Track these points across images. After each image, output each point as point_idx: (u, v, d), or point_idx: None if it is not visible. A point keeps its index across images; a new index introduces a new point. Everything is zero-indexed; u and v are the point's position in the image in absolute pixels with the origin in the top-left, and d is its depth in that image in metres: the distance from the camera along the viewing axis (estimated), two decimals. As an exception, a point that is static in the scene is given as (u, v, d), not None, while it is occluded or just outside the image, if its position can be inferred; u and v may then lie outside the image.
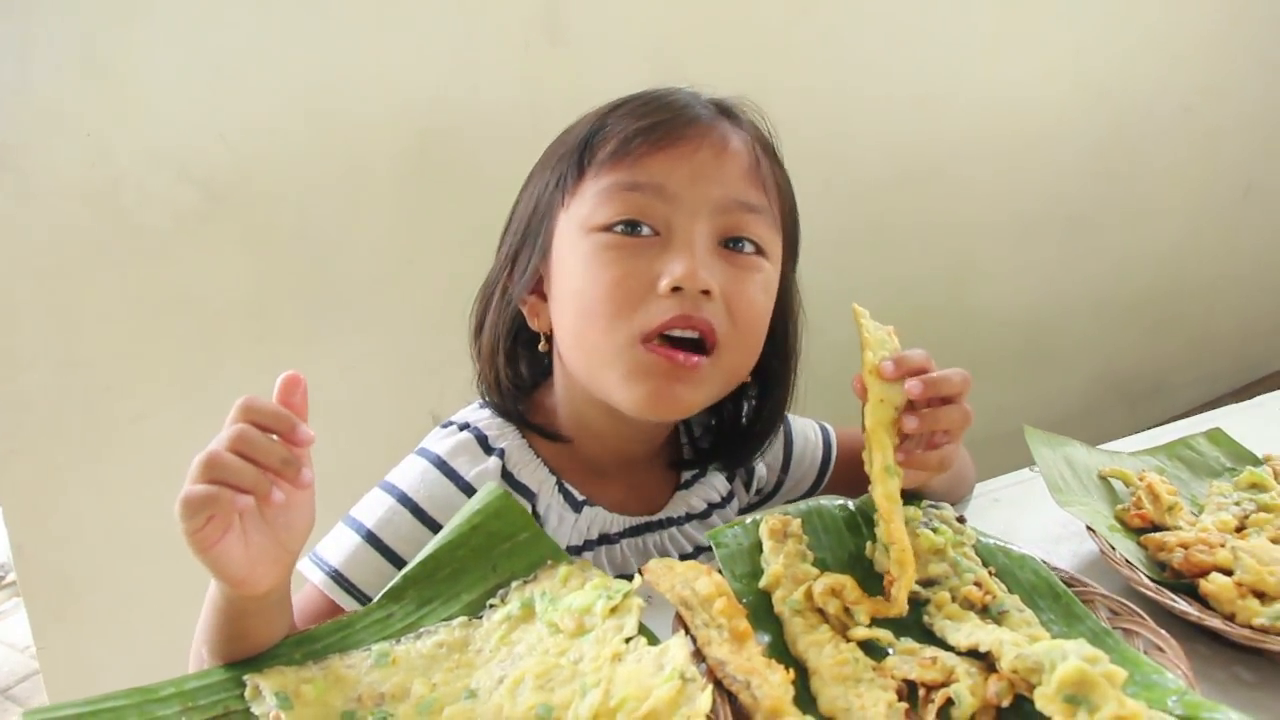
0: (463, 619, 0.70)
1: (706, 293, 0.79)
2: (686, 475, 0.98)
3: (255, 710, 0.63)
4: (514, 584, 0.72)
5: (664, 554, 0.95)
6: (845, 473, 1.06)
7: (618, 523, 0.92)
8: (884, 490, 0.76)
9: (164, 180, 1.36)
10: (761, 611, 0.73)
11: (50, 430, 1.38)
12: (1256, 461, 0.98)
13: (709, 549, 0.95)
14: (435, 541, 0.74)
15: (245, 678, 0.64)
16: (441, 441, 0.90)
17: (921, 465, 0.79)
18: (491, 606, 0.71)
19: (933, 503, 0.84)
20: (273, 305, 1.47)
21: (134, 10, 1.30)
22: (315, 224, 1.46)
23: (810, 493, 1.06)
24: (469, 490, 0.86)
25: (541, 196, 0.88)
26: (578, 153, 0.84)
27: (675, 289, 0.78)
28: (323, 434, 1.10)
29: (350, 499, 0.92)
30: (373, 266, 1.48)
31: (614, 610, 0.67)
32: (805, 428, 1.07)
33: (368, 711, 0.62)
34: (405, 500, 0.87)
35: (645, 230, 0.81)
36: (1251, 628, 0.72)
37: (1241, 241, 2.48)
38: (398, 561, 0.83)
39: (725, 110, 0.87)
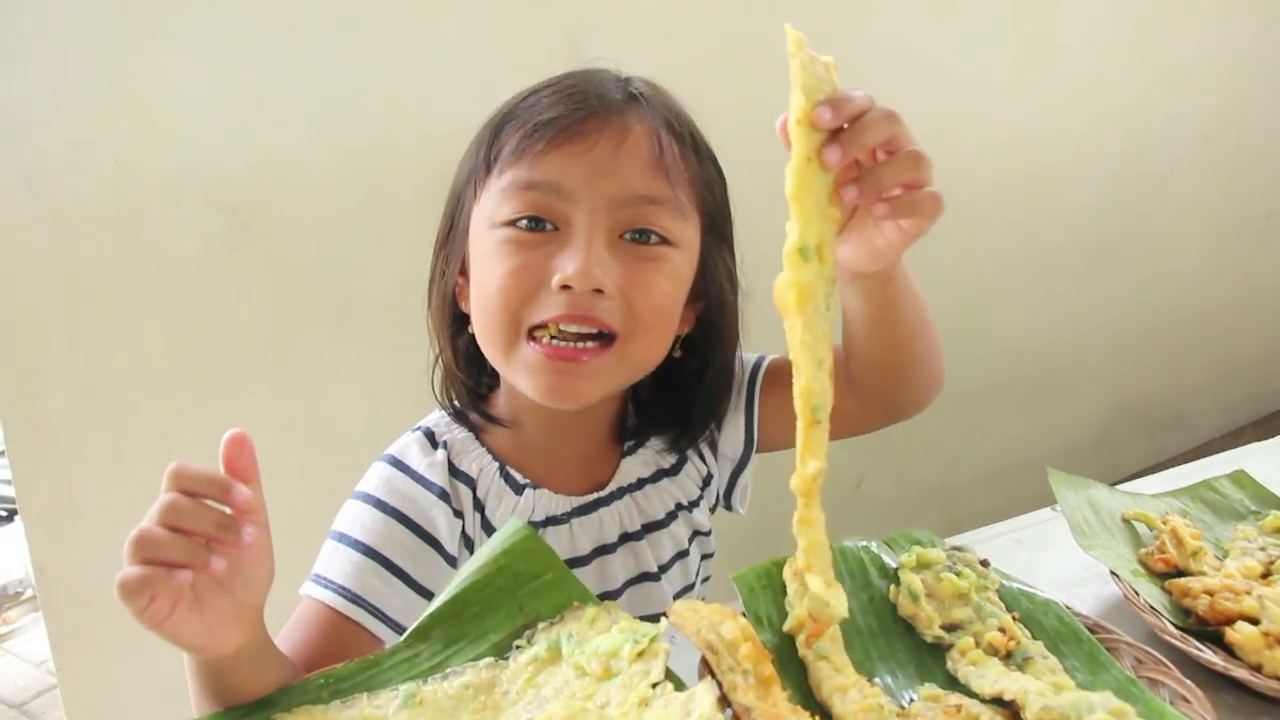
0: (489, 660, 0.70)
1: (600, 290, 0.80)
2: (629, 443, 0.99)
3: (284, 751, 0.63)
4: (540, 625, 0.72)
5: (620, 527, 0.97)
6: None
7: (564, 503, 0.94)
8: (795, 280, 0.60)
9: (190, 207, 1.38)
10: (785, 655, 0.73)
11: (74, 452, 1.39)
12: (1280, 505, 0.98)
13: (659, 523, 0.98)
14: (461, 579, 0.74)
15: (274, 717, 0.65)
16: (396, 444, 0.95)
17: (904, 211, 0.67)
18: (518, 647, 0.71)
19: (957, 546, 0.84)
20: (296, 330, 1.48)
21: (162, 40, 1.32)
22: (339, 251, 1.47)
23: (747, 427, 1.01)
24: (422, 480, 0.91)
25: (461, 183, 0.91)
26: (486, 146, 0.86)
27: (566, 286, 0.79)
28: (345, 457, 1.11)
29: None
30: (395, 293, 1.49)
31: (640, 654, 0.67)
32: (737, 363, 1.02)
33: (396, 753, 0.63)
34: (367, 498, 0.91)
35: (547, 226, 0.82)
36: (1279, 679, 0.72)
37: (1262, 270, 2.47)
38: (364, 550, 0.88)
39: (634, 95, 0.86)
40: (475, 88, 1.48)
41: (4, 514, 2.91)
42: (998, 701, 0.69)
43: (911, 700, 0.71)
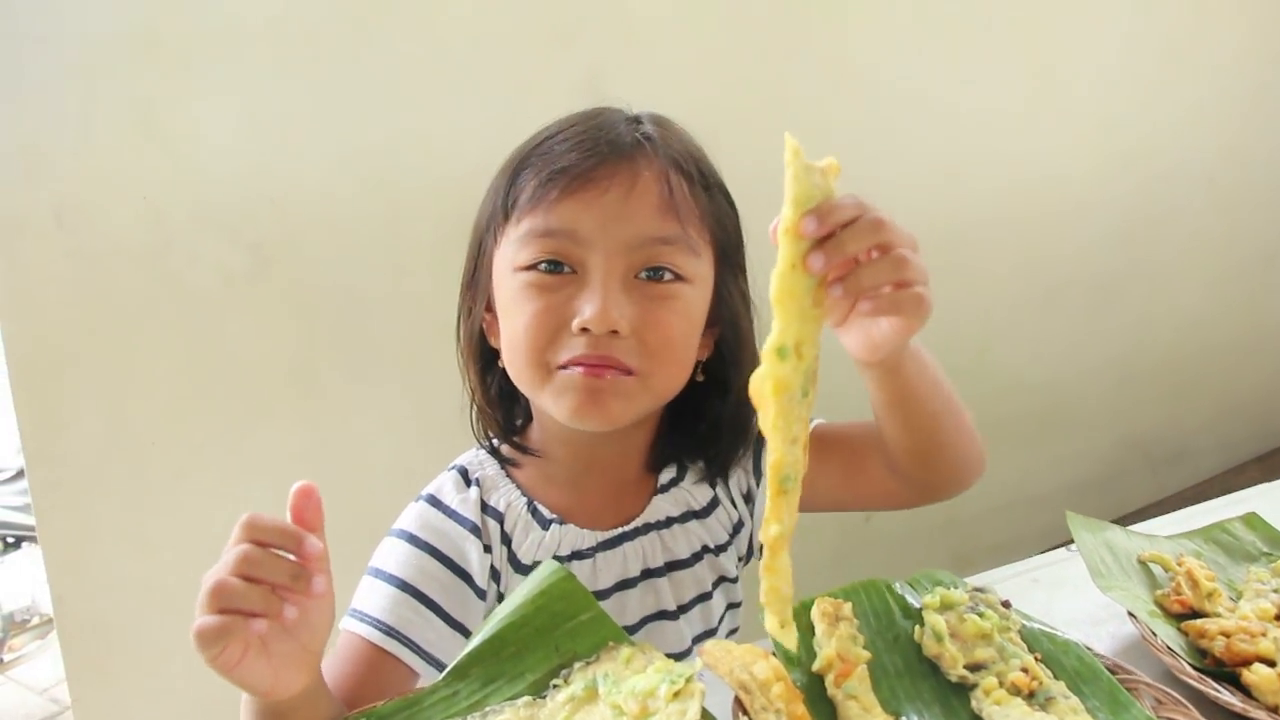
0: (527, 699, 0.72)
1: (616, 331, 0.84)
2: (664, 479, 1.02)
3: (331, 787, 0.65)
4: (577, 665, 0.74)
5: (643, 563, 0.99)
6: (840, 464, 1.01)
7: (590, 538, 0.96)
8: (771, 374, 0.63)
9: (214, 242, 1.40)
10: (815, 695, 0.75)
11: (95, 483, 1.41)
12: (1292, 547, 1.00)
13: (683, 562, 1.00)
14: (499, 619, 0.76)
15: (319, 755, 0.66)
16: (433, 483, 0.99)
17: (890, 309, 0.70)
18: (555, 687, 0.73)
19: (979, 587, 0.86)
20: (316, 366, 1.50)
21: (191, 78, 1.35)
22: (360, 288, 1.50)
23: None
24: (455, 515, 0.94)
25: (482, 228, 0.95)
26: (503, 193, 0.90)
27: (585, 329, 0.84)
28: (363, 491, 1.12)
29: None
30: (416, 330, 1.51)
31: (677, 694, 0.69)
32: None
33: (439, 790, 0.64)
34: (402, 534, 0.94)
35: (565, 269, 0.86)
36: (1295, 720, 0.74)
37: (1264, 309, 2.50)
38: (398, 584, 0.91)
39: (642, 137, 0.89)
40: (496, 126, 1.51)
41: (11, 540, 2.91)
42: (1023, 741, 0.70)
43: (938, 740, 0.73)
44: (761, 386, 0.64)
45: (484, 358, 0.99)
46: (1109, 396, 2.32)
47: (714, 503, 1.03)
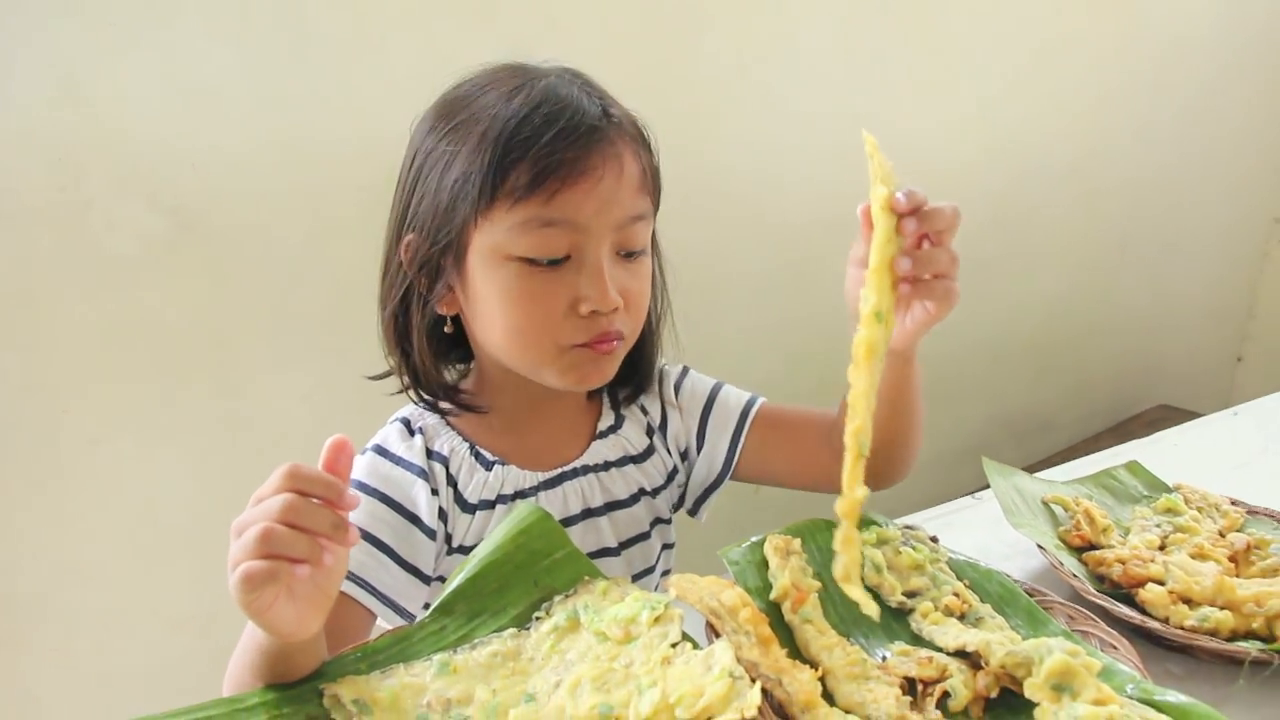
0: (512, 630, 0.76)
1: (616, 308, 0.91)
2: (602, 427, 1.07)
3: (337, 717, 0.67)
4: (556, 598, 0.79)
5: (583, 502, 1.03)
6: (784, 443, 1.10)
7: (531, 478, 1.01)
8: (868, 337, 0.74)
9: (133, 207, 1.37)
10: (773, 620, 0.81)
11: (3, 452, 1.36)
12: (1168, 489, 1.12)
13: (621, 503, 1.05)
14: (480, 558, 0.80)
15: (322, 687, 0.69)
16: (378, 434, 1.02)
17: (928, 294, 0.82)
18: (538, 619, 0.77)
19: (909, 525, 0.95)
20: (235, 334, 1.48)
21: (112, 38, 1.32)
22: (281, 254, 1.48)
23: (728, 456, 1.10)
24: (403, 462, 0.97)
25: (452, 203, 0.90)
26: (489, 174, 0.87)
27: (595, 311, 0.89)
28: (280, 459, 1.12)
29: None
30: (336, 298, 1.51)
31: (658, 620, 0.74)
32: (730, 394, 1.12)
33: (440, 715, 0.68)
34: (353, 483, 0.95)
35: (559, 256, 0.90)
36: (1183, 629, 0.85)
37: (1117, 293, 2.72)
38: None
39: (609, 116, 0.91)
40: (420, 95, 1.52)
41: None
42: (960, 654, 0.79)
43: (884, 657, 0.81)
44: (859, 350, 0.73)
45: (439, 328, 0.99)
46: (982, 373, 2.49)
47: (650, 450, 1.09)
